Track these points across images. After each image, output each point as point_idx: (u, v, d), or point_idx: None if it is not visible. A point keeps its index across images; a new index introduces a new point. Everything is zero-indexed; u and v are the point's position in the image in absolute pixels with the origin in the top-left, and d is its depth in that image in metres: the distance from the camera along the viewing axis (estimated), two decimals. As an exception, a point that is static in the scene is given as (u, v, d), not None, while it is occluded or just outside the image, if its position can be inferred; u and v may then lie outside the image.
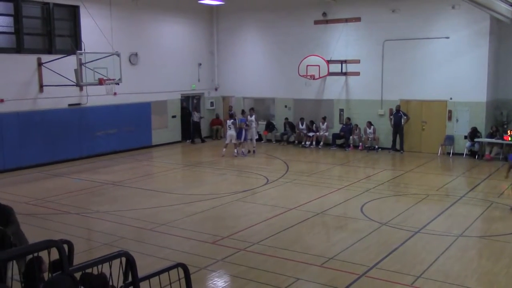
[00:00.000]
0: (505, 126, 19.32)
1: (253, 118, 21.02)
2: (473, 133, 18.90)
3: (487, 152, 18.85)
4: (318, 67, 20.87)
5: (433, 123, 20.15)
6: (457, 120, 19.61)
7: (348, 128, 21.62)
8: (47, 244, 4.04)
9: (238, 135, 19.75)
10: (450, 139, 19.73)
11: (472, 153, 19.14)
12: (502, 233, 10.33)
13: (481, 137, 18.97)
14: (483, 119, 19.13)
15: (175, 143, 23.30)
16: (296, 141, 22.92)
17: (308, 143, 22.32)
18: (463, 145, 19.39)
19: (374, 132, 21.05)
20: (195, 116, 23.53)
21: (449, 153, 19.75)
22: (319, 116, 22.40)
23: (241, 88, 24.83)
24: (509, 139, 18.16)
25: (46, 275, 4.59)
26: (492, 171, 16.62)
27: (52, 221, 11.41)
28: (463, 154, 19.30)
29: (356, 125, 21.53)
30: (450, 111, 19.74)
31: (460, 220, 11.37)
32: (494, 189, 14.16)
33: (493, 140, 18.65)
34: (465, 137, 19.36)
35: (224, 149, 19.74)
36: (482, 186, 14.65)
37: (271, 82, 23.79)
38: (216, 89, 25.70)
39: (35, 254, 4.29)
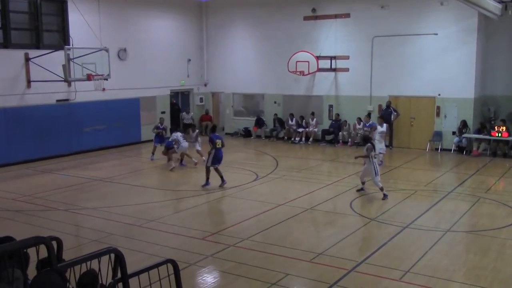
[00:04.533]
0: (493, 122, 19.49)
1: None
2: (463, 126, 19.06)
3: (474, 148, 19.01)
4: (307, 63, 20.90)
5: (422, 119, 20.27)
6: (445, 116, 19.74)
7: (338, 124, 21.69)
8: (36, 241, 4.02)
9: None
10: (438, 135, 19.86)
11: (460, 149, 19.29)
12: (489, 228, 10.43)
13: (469, 131, 19.13)
14: (471, 115, 19.28)
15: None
16: (286, 137, 22.96)
17: (297, 139, 22.36)
18: (451, 141, 19.54)
19: (363, 128, 21.11)
20: (186, 118, 22.63)
21: (437, 149, 19.88)
22: (308, 112, 22.44)
23: (230, 84, 24.79)
24: (496, 135, 18.33)
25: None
26: (479, 167, 16.77)
27: (41, 218, 11.34)
28: (451, 150, 19.45)
29: (345, 121, 21.60)
30: (438, 107, 19.87)
31: (448, 215, 11.47)
32: (481, 185, 14.29)
33: (481, 136, 18.81)
34: (453, 133, 19.51)
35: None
36: (469, 182, 14.77)
37: (261, 78, 23.78)
38: (205, 85, 25.64)
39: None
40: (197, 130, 18.14)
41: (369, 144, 12.52)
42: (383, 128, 15.98)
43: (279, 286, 7.62)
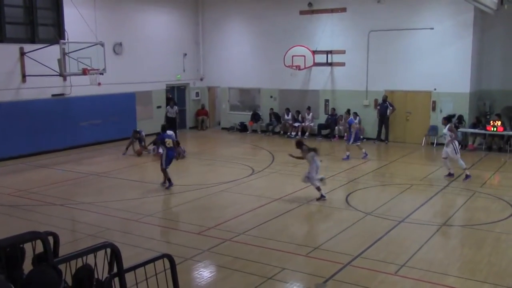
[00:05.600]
0: (488, 117, 19.54)
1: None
2: (459, 122, 19.11)
3: (470, 142, 19.06)
4: (303, 57, 20.88)
5: (418, 113, 20.31)
6: (441, 111, 19.77)
7: (334, 119, 21.71)
8: (32, 236, 4.01)
9: (349, 137, 17.26)
10: (434, 130, 19.90)
11: (455, 143, 19.31)
12: (484, 222, 10.48)
13: (465, 126, 19.17)
14: (467, 109, 19.32)
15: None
16: (282, 132, 22.97)
17: (293, 133, 22.37)
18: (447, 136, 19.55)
19: (359, 123, 21.13)
20: (170, 112, 21.83)
21: (433, 143, 19.92)
22: (304, 107, 22.44)
23: (226, 79, 24.75)
24: (492, 129, 18.38)
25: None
26: (475, 161, 16.81)
27: (36, 213, 11.32)
28: (447, 144, 19.48)
29: (342, 116, 21.61)
30: (434, 102, 19.90)
31: (443, 209, 11.52)
32: (476, 179, 14.32)
33: (476, 131, 18.86)
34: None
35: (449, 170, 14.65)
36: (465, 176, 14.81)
37: (257, 72, 23.75)
38: (201, 80, 25.59)
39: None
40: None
41: (304, 146, 12.35)
42: (445, 129, 14.37)
43: (275, 280, 7.65)
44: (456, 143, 14.29)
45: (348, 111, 19.52)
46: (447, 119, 14.86)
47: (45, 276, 3.38)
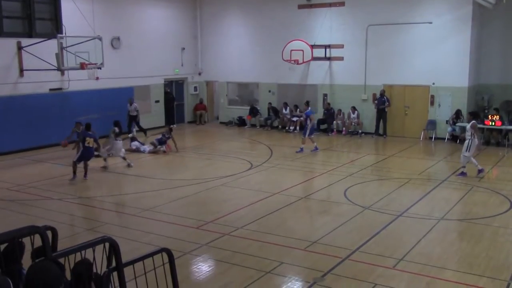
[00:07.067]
0: (486, 111, 19.55)
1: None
2: (457, 116, 19.10)
3: (468, 137, 19.05)
4: (302, 52, 20.86)
5: (416, 108, 20.31)
6: (439, 105, 19.79)
7: (329, 113, 21.68)
8: (30, 230, 4.00)
9: (305, 130, 17.61)
10: (432, 124, 19.92)
11: (453, 138, 19.35)
12: (482, 216, 10.51)
13: (463, 120, 19.19)
14: (465, 104, 19.32)
15: (159, 128, 23.12)
16: (280, 126, 22.96)
17: (292, 128, 22.36)
18: (445, 130, 19.60)
19: (357, 117, 21.16)
20: (130, 109, 20.93)
21: (431, 138, 19.95)
22: (303, 101, 22.39)
23: (224, 73, 24.70)
24: (490, 123, 18.39)
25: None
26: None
27: (35, 207, 11.31)
28: (445, 138, 19.52)
29: (340, 110, 21.61)
30: (432, 96, 19.90)
31: (441, 203, 11.53)
32: (474, 173, 14.33)
33: (474, 125, 18.85)
34: (447, 122, 19.58)
35: None
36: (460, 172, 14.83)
37: (255, 66, 23.70)
38: (199, 74, 25.55)
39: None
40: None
41: (115, 127, 15.47)
42: (468, 125, 13.79)
43: (273, 274, 7.67)
44: (476, 141, 13.83)
45: (307, 103, 19.32)
46: (472, 115, 14.24)
47: (47, 271, 3.38)
